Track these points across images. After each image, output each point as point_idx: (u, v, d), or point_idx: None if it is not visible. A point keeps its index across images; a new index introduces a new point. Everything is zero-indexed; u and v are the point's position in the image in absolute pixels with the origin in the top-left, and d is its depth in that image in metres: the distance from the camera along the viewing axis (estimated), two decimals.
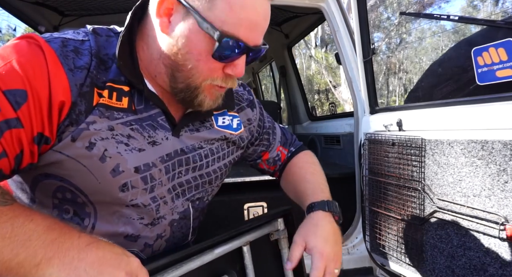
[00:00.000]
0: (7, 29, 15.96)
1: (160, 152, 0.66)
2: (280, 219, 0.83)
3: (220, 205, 1.71)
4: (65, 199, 0.62)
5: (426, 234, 1.25)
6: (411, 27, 17.16)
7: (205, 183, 0.76)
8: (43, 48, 0.54)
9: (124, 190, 0.62)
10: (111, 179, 0.60)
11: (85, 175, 0.59)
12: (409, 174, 1.32)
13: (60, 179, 0.59)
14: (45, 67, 0.53)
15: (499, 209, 0.99)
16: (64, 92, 0.55)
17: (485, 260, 1.03)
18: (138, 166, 0.63)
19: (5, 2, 1.98)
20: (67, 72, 0.55)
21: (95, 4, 2.22)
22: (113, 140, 0.60)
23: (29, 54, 0.53)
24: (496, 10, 14.23)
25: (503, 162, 0.97)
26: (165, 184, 0.68)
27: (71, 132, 0.56)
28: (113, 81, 0.61)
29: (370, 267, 1.71)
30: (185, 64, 0.60)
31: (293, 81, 3.13)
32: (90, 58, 0.58)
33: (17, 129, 0.51)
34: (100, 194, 0.62)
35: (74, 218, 0.62)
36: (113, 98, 0.61)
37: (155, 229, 0.68)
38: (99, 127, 0.59)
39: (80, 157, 0.58)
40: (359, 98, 1.76)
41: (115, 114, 0.61)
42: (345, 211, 1.90)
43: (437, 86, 1.52)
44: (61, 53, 0.56)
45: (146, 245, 0.68)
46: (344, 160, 2.25)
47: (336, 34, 1.86)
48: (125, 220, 0.65)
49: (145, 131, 0.64)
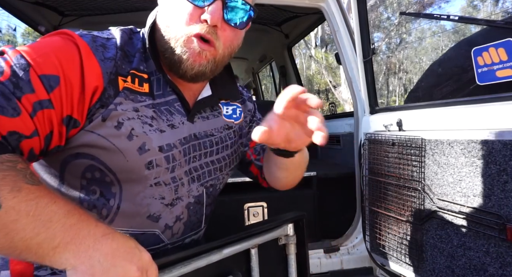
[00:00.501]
0: (7, 29, 15.97)
1: (178, 135, 0.70)
2: (290, 225, 0.82)
3: (220, 205, 1.71)
4: (94, 179, 0.64)
5: (426, 234, 1.25)
6: (411, 27, 17.17)
7: (217, 169, 0.79)
8: (77, 41, 0.60)
9: (149, 167, 0.66)
10: (138, 157, 0.64)
11: (114, 153, 0.62)
12: (409, 174, 1.32)
13: (91, 157, 0.62)
14: (78, 57, 0.59)
15: (499, 209, 0.99)
16: (97, 79, 0.60)
17: (485, 260, 1.03)
18: (162, 146, 0.67)
19: (5, 2, 1.98)
20: (99, 61, 0.61)
21: (95, 4, 2.22)
22: (139, 121, 0.65)
23: (63, 45, 0.59)
24: (496, 10, 14.23)
25: (503, 162, 0.97)
26: (183, 166, 0.71)
27: (101, 113, 0.61)
28: (135, 69, 0.67)
29: (370, 267, 1.71)
30: (166, 17, 0.66)
31: (293, 81, 3.13)
32: (116, 51, 0.64)
33: (48, 109, 0.56)
34: (127, 172, 0.65)
35: (100, 199, 0.65)
36: (135, 83, 0.66)
37: (174, 210, 0.71)
38: (126, 108, 0.64)
39: (110, 136, 0.62)
40: (359, 98, 1.76)
41: (138, 97, 0.66)
42: (345, 211, 1.92)
43: (437, 86, 1.52)
44: (93, 46, 0.62)
45: (166, 226, 0.71)
46: (344, 160, 2.25)
47: (336, 34, 1.86)
48: (148, 200, 0.68)
49: (164, 115, 0.69)
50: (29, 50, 0.57)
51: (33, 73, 0.55)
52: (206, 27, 0.63)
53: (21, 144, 0.55)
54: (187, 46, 0.64)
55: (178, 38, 0.64)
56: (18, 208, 0.48)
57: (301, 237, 0.81)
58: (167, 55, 0.67)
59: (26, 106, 0.54)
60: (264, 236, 0.77)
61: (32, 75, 0.55)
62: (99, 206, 0.65)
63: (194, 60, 0.65)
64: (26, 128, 0.54)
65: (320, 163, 2.40)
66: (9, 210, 0.47)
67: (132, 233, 0.67)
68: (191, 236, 0.77)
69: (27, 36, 16.28)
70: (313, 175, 1.86)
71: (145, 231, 0.68)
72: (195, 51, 0.64)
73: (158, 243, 0.70)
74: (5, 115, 0.52)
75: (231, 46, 0.69)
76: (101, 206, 0.65)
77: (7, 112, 0.52)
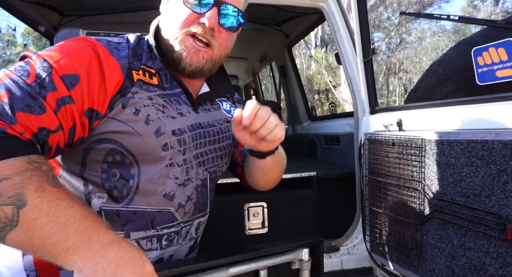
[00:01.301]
0: (7, 29, 15.95)
1: (187, 122, 0.78)
2: (306, 249, 0.78)
3: (220, 205, 1.71)
4: (114, 162, 0.70)
5: (426, 234, 1.25)
6: (411, 27, 17.16)
7: (218, 157, 0.87)
8: (95, 44, 0.69)
9: (165, 149, 0.73)
10: (155, 140, 0.71)
11: (134, 136, 0.69)
12: (409, 174, 1.32)
13: (113, 142, 0.69)
14: (97, 58, 0.67)
15: (499, 209, 0.99)
16: (118, 74, 0.69)
17: (485, 260, 1.03)
18: (174, 130, 0.75)
19: (5, 2, 1.98)
20: (117, 59, 0.70)
21: (95, 4, 2.22)
22: (153, 108, 0.73)
23: (82, 48, 0.67)
24: (496, 10, 14.23)
25: (503, 162, 0.97)
26: (192, 150, 0.79)
27: (121, 102, 0.69)
28: (145, 65, 0.76)
29: (370, 267, 1.71)
30: (168, 21, 0.77)
31: (293, 81, 3.13)
32: (128, 51, 0.74)
33: (70, 105, 0.62)
34: (146, 154, 0.71)
35: (121, 180, 0.71)
36: (146, 76, 0.75)
37: (186, 190, 0.78)
38: (141, 96, 0.72)
39: (129, 121, 0.69)
40: (359, 98, 1.76)
41: (150, 88, 0.74)
42: (345, 211, 1.92)
43: (437, 86, 1.51)
44: (109, 48, 0.71)
45: (179, 205, 0.77)
46: (344, 160, 2.25)
47: (336, 34, 1.86)
48: (163, 180, 0.74)
49: (173, 104, 0.77)
50: (50, 54, 0.64)
51: (55, 74, 0.61)
52: (202, 29, 0.74)
53: (49, 138, 0.61)
54: (184, 44, 0.74)
55: (177, 36, 0.74)
56: (40, 208, 0.52)
57: (317, 264, 0.78)
58: (169, 53, 0.76)
59: (51, 103, 0.60)
60: (276, 258, 0.74)
61: (54, 76, 0.61)
62: (120, 187, 0.71)
63: (191, 58, 0.75)
64: (52, 123, 0.60)
65: (320, 163, 2.40)
66: (33, 209, 0.51)
67: (151, 210, 0.73)
68: (199, 218, 0.84)
69: (27, 36, 16.27)
70: (313, 175, 1.85)
71: (161, 209, 0.75)
72: (191, 50, 0.75)
73: (173, 221, 0.77)
74: (33, 113, 0.58)
75: (226, 47, 0.80)
76: (121, 186, 0.71)
77: (34, 111, 0.58)
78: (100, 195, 0.70)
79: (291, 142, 3.32)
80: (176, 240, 0.79)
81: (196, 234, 0.86)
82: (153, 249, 0.75)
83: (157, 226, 0.74)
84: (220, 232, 1.72)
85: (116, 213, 0.70)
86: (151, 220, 0.73)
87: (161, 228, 0.75)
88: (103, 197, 0.70)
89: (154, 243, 0.75)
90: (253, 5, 2.11)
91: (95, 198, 0.70)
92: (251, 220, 1.76)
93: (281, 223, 1.80)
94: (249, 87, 4.57)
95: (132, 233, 0.72)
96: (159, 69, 0.78)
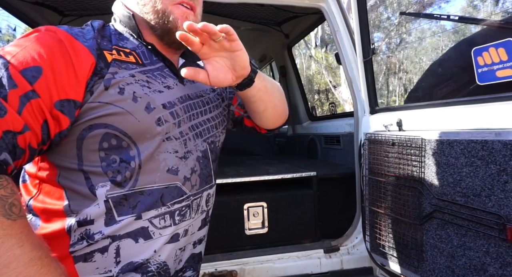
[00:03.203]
0: (7, 29, 15.94)
1: (175, 94, 0.77)
2: None
3: (220, 205, 1.71)
4: (111, 147, 0.68)
5: (426, 234, 1.25)
6: (411, 27, 17.15)
7: (213, 127, 0.87)
8: (55, 31, 0.65)
9: (159, 124, 0.71)
10: (147, 116, 0.69)
11: (125, 116, 0.67)
12: (409, 174, 1.32)
13: (105, 126, 0.66)
14: (60, 43, 0.63)
15: (499, 209, 0.99)
16: (87, 56, 0.65)
17: (485, 260, 1.03)
18: (164, 103, 0.73)
19: (5, 2, 1.98)
20: (82, 42, 0.66)
21: (95, 4, 2.22)
22: (137, 84, 0.70)
23: (42, 37, 0.63)
24: (496, 10, 14.23)
25: (503, 162, 0.97)
26: (186, 122, 0.78)
27: (101, 83, 0.66)
28: (117, 45, 0.73)
29: (370, 267, 1.71)
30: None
31: (293, 81, 3.12)
32: (93, 33, 0.70)
33: (35, 99, 0.58)
34: (141, 133, 0.69)
35: (122, 164, 0.69)
36: (121, 55, 0.72)
37: (188, 163, 0.78)
38: (122, 75, 0.69)
39: (116, 101, 0.66)
40: (359, 98, 1.76)
41: (129, 65, 0.72)
42: (345, 211, 1.92)
43: (437, 86, 1.51)
44: (72, 32, 0.67)
45: (185, 178, 0.77)
46: (344, 160, 2.25)
47: (336, 34, 1.86)
48: (164, 155, 0.73)
49: (158, 78, 0.76)
50: (8, 50, 0.60)
51: (13, 69, 0.57)
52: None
53: (18, 141, 0.56)
54: (176, 13, 0.75)
55: (165, 8, 0.74)
56: None
57: None
58: (159, 26, 0.75)
59: (12, 101, 0.55)
60: None
61: (13, 72, 0.57)
62: (122, 171, 0.69)
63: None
64: (17, 124, 0.55)
65: (320, 163, 2.40)
66: None
67: (158, 188, 0.72)
68: (207, 190, 0.84)
69: None
70: (313, 175, 1.86)
71: (168, 184, 0.74)
72: (183, 16, 0.75)
73: (182, 195, 0.76)
74: None
75: (200, 12, 0.82)
76: (124, 170, 0.69)
77: None
78: (103, 184, 0.68)
79: (291, 142, 3.33)
80: (188, 214, 0.78)
81: (207, 207, 0.85)
82: (167, 226, 0.74)
83: (167, 203, 0.74)
84: (220, 232, 1.72)
85: (124, 198, 0.69)
86: (160, 197, 0.73)
87: (172, 203, 0.74)
88: (106, 185, 0.68)
89: (167, 220, 0.74)
90: (253, 5, 2.12)
91: (98, 188, 0.68)
92: (251, 220, 1.76)
93: (281, 223, 1.80)
94: None
95: (144, 214, 0.71)
96: (134, 47, 0.76)
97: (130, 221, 0.69)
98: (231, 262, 1.62)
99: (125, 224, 0.69)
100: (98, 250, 0.68)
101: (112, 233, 0.68)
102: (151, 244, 0.72)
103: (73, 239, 0.67)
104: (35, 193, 0.71)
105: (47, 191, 0.70)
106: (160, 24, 0.75)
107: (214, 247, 1.70)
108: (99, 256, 0.68)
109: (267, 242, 1.78)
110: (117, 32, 0.77)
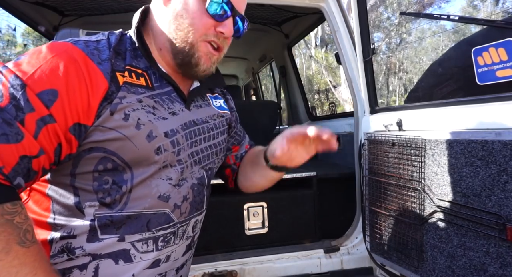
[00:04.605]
0: (7, 29, 15.95)
1: (179, 121, 0.77)
2: None
3: (220, 205, 1.71)
4: (106, 170, 0.68)
5: (426, 234, 1.25)
6: (411, 27, 17.15)
7: (213, 154, 0.87)
8: (71, 50, 0.64)
9: (158, 153, 0.71)
10: (147, 144, 0.69)
11: (125, 142, 0.67)
12: (409, 174, 1.32)
13: (103, 150, 0.66)
14: (75, 64, 0.63)
15: (499, 209, 0.99)
16: (101, 80, 0.65)
17: (485, 260, 1.03)
18: (166, 132, 0.73)
19: (5, 2, 1.98)
20: (97, 65, 0.66)
21: (95, 4, 2.22)
22: (143, 111, 0.70)
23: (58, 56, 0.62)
24: (496, 10, 14.22)
25: (503, 162, 0.97)
26: (186, 150, 0.78)
27: (108, 109, 0.65)
28: (130, 65, 0.73)
29: (370, 267, 1.71)
30: (183, 23, 0.73)
31: (293, 81, 3.12)
32: (109, 51, 0.69)
33: (52, 124, 0.58)
34: (138, 160, 0.69)
35: (113, 186, 0.69)
36: (133, 78, 0.72)
37: (181, 190, 0.77)
38: (130, 101, 0.69)
39: (119, 127, 0.66)
40: (359, 98, 1.76)
41: (139, 90, 0.72)
42: (345, 211, 1.92)
43: (437, 86, 1.51)
44: (88, 51, 0.66)
45: (175, 206, 0.76)
46: (344, 160, 2.25)
47: (336, 34, 1.86)
48: (157, 181, 0.72)
49: (165, 103, 0.75)
50: (24, 69, 0.59)
51: (30, 92, 0.57)
52: (219, 37, 0.76)
53: (32, 165, 0.57)
54: (203, 50, 0.75)
55: (195, 43, 0.74)
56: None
57: None
58: (181, 56, 0.75)
59: (29, 126, 0.56)
60: None
61: (30, 94, 0.57)
62: (113, 193, 0.68)
63: (208, 66, 0.78)
64: (33, 149, 0.56)
65: (320, 163, 2.40)
66: None
67: (146, 213, 0.72)
68: (196, 216, 0.83)
69: (27, 36, 16.27)
70: (313, 175, 1.85)
71: (157, 211, 0.73)
72: (207, 55, 0.76)
73: (169, 222, 0.75)
74: (11, 142, 0.53)
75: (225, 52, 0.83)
76: (114, 193, 0.68)
77: (12, 139, 0.54)
78: (91, 204, 0.68)
79: None
80: (172, 240, 0.78)
81: (193, 233, 0.85)
82: (149, 251, 0.73)
83: (152, 228, 0.73)
84: (220, 232, 1.72)
85: (110, 219, 0.69)
86: (146, 222, 0.72)
87: (157, 230, 0.73)
88: (95, 205, 0.68)
89: (150, 245, 0.73)
90: (253, 5, 2.11)
91: (86, 207, 0.68)
92: (251, 220, 1.76)
93: (281, 223, 1.80)
94: (249, 87, 4.56)
95: (127, 236, 0.70)
96: (146, 67, 0.76)
97: (113, 241, 0.69)
98: (231, 262, 1.62)
99: (107, 243, 0.69)
100: (78, 267, 0.68)
101: (93, 251, 0.68)
102: (130, 267, 0.71)
103: (53, 250, 0.68)
104: (24, 199, 0.72)
105: (36, 199, 0.71)
106: (184, 55, 0.75)
107: (214, 247, 1.69)
108: (78, 273, 0.68)
109: (267, 242, 1.78)
110: (133, 46, 0.76)
